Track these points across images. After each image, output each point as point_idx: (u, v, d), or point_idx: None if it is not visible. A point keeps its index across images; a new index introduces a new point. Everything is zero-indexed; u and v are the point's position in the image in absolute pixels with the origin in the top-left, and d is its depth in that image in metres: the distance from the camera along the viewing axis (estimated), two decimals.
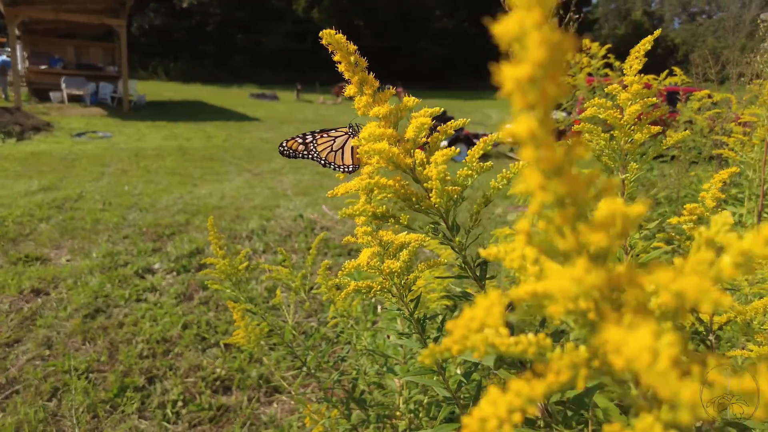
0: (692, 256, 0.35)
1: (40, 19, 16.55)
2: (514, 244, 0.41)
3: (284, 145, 1.07)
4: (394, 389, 1.56)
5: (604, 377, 0.35)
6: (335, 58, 0.82)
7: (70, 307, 3.60)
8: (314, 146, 1.06)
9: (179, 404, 2.70)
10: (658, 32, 1.19)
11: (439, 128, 0.87)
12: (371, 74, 0.85)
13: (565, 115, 3.88)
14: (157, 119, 15.99)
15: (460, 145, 10.55)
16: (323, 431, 1.66)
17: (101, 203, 6.30)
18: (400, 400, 1.50)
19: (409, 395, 1.51)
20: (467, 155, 0.86)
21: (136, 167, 8.93)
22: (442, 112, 0.87)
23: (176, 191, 7.23)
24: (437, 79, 41.62)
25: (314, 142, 1.06)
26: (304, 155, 1.06)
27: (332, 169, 1.06)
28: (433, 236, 0.88)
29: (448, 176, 0.79)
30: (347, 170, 1.05)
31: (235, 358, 3.10)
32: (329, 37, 0.80)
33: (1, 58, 18.63)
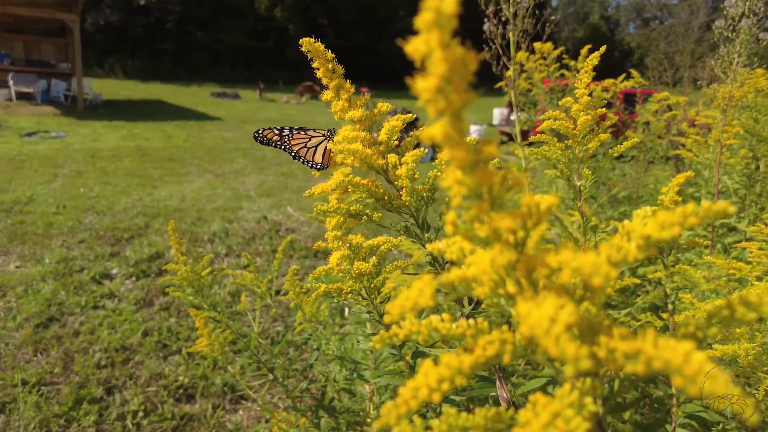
0: (609, 242, 0.40)
1: None
2: (455, 238, 0.46)
3: (260, 132, 1.14)
4: (364, 395, 1.53)
5: (521, 350, 0.39)
6: (314, 65, 0.87)
7: (20, 316, 3.42)
8: (289, 140, 1.14)
9: (140, 415, 2.59)
10: (603, 49, 1.23)
11: (411, 133, 0.90)
12: (347, 80, 0.90)
13: (527, 117, 3.94)
14: (114, 119, 15.45)
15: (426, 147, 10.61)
16: None
17: (54, 206, 6.02)
18: (370, 406, 1.47)
19: (380, 400, 1.48)
20: (435, 157, 0.89)
21: (92, 168, 8.60)
22: (414, 118, 0.91)
23: (135, 193, 6.99)
24: (401, 79, 41.72)
25: (290, 136, 1.13)
26: (276, 144, 1.14)
27: (301, 162, 1.14)
28: (404, 234, 0.92)
29: (416, 175, 0.83)
30: (315, 167, 1.13)
31: (198, 365, 3.01)
32: (309, 45, 0.84)
33: None
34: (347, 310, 2.49)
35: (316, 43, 0.84)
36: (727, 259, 1.20)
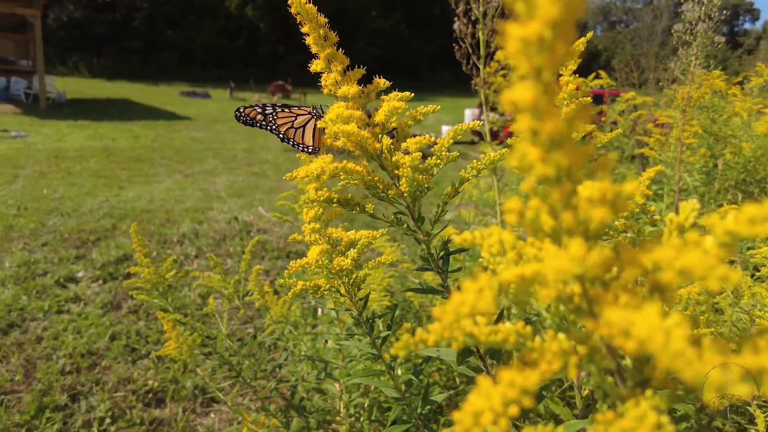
0: (666, 238, 0.34)
1: None
2: (491, 229, 0.40)
3: (241, 110, 1.03)
4: (334, 394, 1.53)
5: (590, 365, 0.34)
6: (303, 29, 0.76)
7: None
8: (274, 119, 1.02)
9: (107, 421, 2.53)
10: (590, 35, 1.21)
11: (407, 113, 0.83)
12: (340, 49, 0.79)
13: (499, 117, 3.98)
14: (79, 118, 15.00)
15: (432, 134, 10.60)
16: None
17: (15, 208, 5.82)
18: (340, 404, 1.47)
19: (349, 399, 1.48)
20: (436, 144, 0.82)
21: (56, 169, 8.34)
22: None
23: (101, 194, 6.81)
24: (372, 79, 41.69)
25: (274, 114, 1.02)
26: (262, 125, 1.02)
27: (291, 146, 1.04)
28: (396, 226, 0.85)
29: (420, 164, 0.75)
30: (308, 150, 1.02)
31: (168, 368, 2.95)
32: (299, 6, 0.74)
33: None
34: (320, 310, 2.48)
35: (307, 4, 0.74)
36: None
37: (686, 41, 1.93)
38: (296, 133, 1.02)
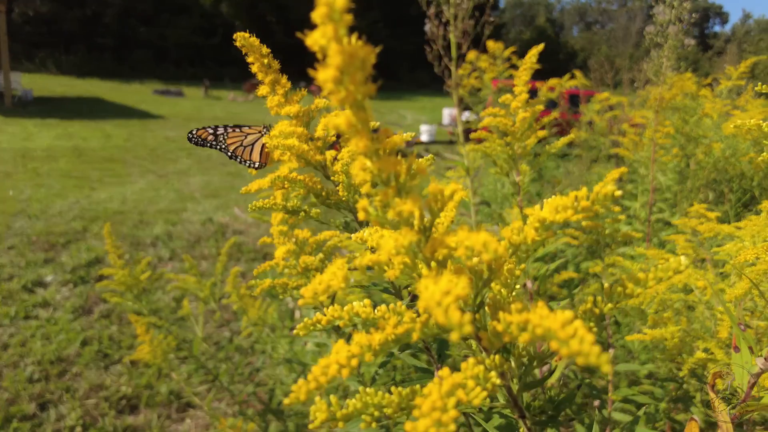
0: (510, 226, 0.44)
1: None
2: (376, 227, 0.48)
3: (194, 132, 1.09)
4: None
5: (425, 330, 0.42)
6: (248, 59, 0.85)
7: None
8: (224, 139, 1.08)
9: (78, 430, 2.46)
10: (541, 46, 1.26)
11: (322, 118, 0.90)
12: (284, 75, 0.89)
13: (475, 117, 4.01)
14: (47, 117, 14.59)
15: None
16: None
17: None
18: None
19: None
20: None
21: (22, 170, 8.09)
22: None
23: (72, 195, 6.63)
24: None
25: (225, 134, 1.08)
26: (212, 144, 1.08)
27: (238, 162, 1.10)
28: (344, 231, 0.91)
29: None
30: (253, 166, 1.09)
31: (142, 374, 2.88)
32: (243, 39, 0.82)
33: None
34: (297, 312, 2.45)
35: (250, 38, 0.83)
36: (660, 251, 1.26)
37: (658, 43, 1.96)
38: (245, 150, 1.09)
